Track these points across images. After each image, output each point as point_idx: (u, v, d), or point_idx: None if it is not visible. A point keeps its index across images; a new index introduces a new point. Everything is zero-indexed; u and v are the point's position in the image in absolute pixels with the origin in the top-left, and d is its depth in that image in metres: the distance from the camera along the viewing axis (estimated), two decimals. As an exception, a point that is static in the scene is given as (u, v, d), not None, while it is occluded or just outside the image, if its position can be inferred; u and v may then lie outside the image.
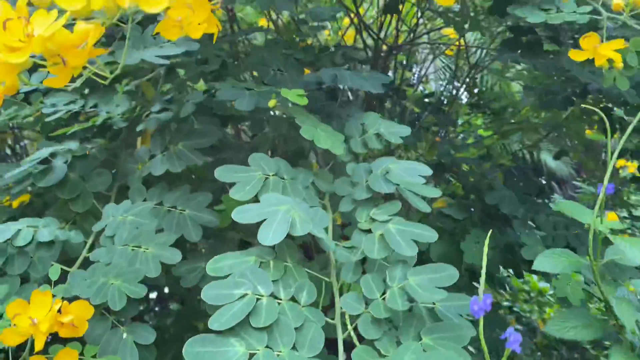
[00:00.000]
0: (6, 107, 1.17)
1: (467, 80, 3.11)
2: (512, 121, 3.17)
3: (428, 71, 4.04)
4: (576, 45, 1.12)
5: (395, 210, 0.89)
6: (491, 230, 0.82)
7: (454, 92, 3.10)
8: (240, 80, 1.30)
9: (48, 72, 0.70)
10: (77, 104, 1.17)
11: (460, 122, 3.38)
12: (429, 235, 0.82)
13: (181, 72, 1.33)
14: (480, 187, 1.81)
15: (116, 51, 0.92)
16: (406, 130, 1.08)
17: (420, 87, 3.58)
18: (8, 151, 2.41)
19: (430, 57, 3.29)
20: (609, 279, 1.21)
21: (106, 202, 1.10)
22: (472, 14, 2.00)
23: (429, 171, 0.95)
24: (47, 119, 1.11)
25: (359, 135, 1.09)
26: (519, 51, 1.52)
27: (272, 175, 0.93)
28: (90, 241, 1.00)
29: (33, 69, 0.75)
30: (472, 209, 1.82)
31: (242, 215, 0.79)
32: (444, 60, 3.76)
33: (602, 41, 1.06)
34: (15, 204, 1.18)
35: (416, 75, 3.39)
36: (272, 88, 1.12)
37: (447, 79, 3.40)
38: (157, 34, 0.83)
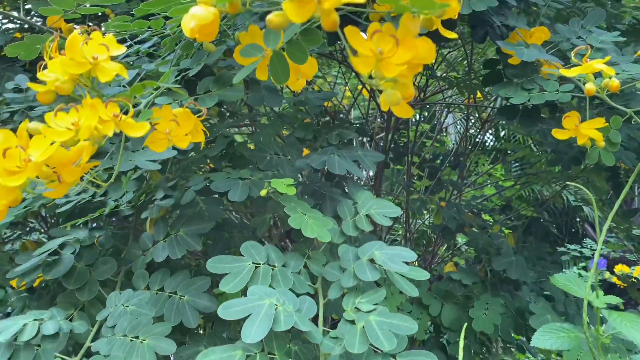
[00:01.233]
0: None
1: (480, 133, 3.14)
2: (530, 172, 3.16)
3: (447, 122, 4.09)
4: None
5: (380, 299, 0.91)
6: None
7: (469, 145, 3.13)
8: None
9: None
10: (88, 193, 1.24)
11: (478, 170, 3.38)
12: (408, 326, 0.83)
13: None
14: (489, 250, 1.80)
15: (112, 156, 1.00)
16: (396, 211, 1.12)
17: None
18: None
19: (447, 110, 3.36)
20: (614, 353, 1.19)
21: (113, 287, 1.16)
22: (474, 81, 2.06)
23: (413, 257, 0.97)
24: (59, 210, 1.18)
25: (350, 216, 1.13)
26: (517, 118, 1.55)
27: (263, 264, 0.97)
28: (94, 330, 1.05)
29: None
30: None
31: (227, 312, 0.83)
32: (459, 114, 3.82)
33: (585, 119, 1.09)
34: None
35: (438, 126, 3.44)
36: (266, 174, 1.18)
37: (461, 132, 3.45)
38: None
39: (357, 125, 2.37)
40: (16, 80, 1.34)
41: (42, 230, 2.47)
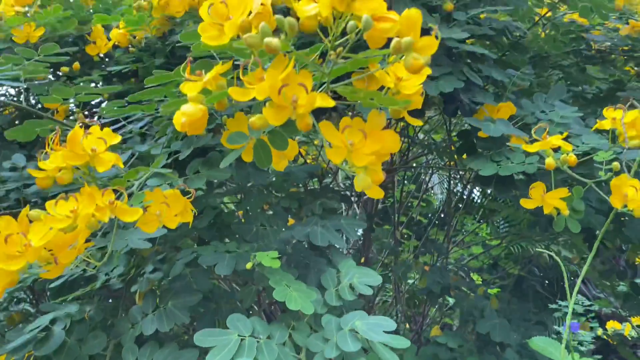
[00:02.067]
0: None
1: (464, 193, 3.23)
2: (514, 231, 3.23)
3: (432, 182, 4.19)
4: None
5: (361, 370, 0.95)
6: None
7: (456, 203, 3.21)
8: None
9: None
10: (80, 267, 1.28)
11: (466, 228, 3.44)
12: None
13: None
14: (474, 313, 1.84)
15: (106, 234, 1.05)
16: (377, 280, 1.17)
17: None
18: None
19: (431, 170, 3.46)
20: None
21: (102, 360, 1.18)
22: (452, 147, 2.16)
23: (392, 326, 1.01)
24: (51, 285, 1.22)
25: (334, 286, 1.18)
26: (492, 185, 1.63)
27: (248, 336, 1.00)
28: (82, 407, 1.06)
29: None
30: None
31: (214, 386, 0.86)
32: (444, 174, 3.92)
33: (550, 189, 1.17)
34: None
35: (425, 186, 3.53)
36: (252, 246, 1.23)
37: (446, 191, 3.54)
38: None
39: (343, 189, 2.45)
40: (13, 160, 1.40)
41: (29, 300, 2.46)
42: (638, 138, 1.11)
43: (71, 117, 1.64)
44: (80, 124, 0.85)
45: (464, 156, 1.60)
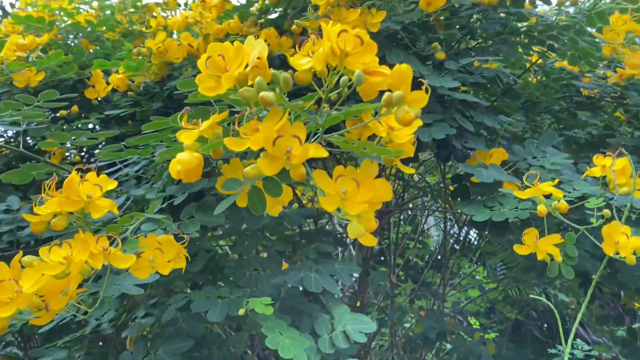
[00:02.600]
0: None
1: (460, 235, 3.23)
2: (511, 275, 3.21)
3: (428, 223, 4.18)
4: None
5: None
6: None
7: (452, 245, 3.20)
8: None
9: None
10: (70, 312, 1.27)
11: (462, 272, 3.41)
12: None
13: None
14: (471, 359, 1.81)
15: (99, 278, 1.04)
16: (372, 327, 1.16)
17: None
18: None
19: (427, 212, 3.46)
20: None
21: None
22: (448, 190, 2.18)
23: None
24: (40, 330, 1.20)
25: (327, 333, 1.16)
26: (487, 229, 1.63)
27: (240, 385, 0.99)
28: None
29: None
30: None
31: None
32: (440, 215, 3.92)
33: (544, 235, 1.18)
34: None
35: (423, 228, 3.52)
36: (245, 291, 1.23)
37: (442, 232, 3.54)
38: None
39: (339, 232, 2.44)
40: (7, 202, 1.41)
41: (17, 343, 2.41)
42: (628, 185, 1.13)
43: (68, 160, 1.65)
44: (77, 169, 0.85)
45: (459, 200, 1.61)
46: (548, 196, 1.18)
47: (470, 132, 1.41)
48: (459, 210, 2.14)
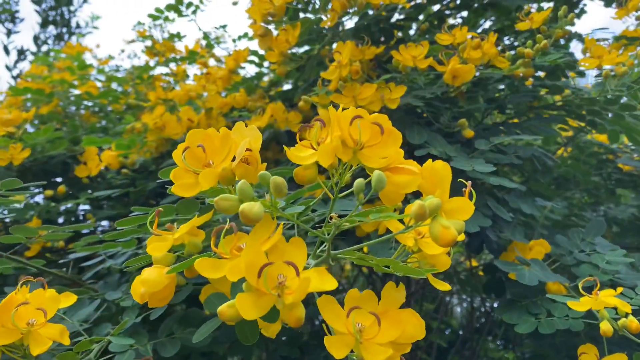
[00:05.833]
0: None
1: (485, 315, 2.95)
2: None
3: (452, 302, 3.89)
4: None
5: None
6: None
7: (477, 325, 2.92)
8: None
9: None
10: None
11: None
12: None
13: None
14: None
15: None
16: None
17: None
18: None
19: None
20: None
21: None
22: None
23: None
24: None
25: None
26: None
27: None
28: None
29: None
30: None
31: None
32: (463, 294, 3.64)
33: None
34: None
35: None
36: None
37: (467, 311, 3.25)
38: None
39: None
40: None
41: None
42: None
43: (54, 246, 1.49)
44: (23, 283, 0.68)
45: (493, 296, 1.39)
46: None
47: (506, 221, 1.22)
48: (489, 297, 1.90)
